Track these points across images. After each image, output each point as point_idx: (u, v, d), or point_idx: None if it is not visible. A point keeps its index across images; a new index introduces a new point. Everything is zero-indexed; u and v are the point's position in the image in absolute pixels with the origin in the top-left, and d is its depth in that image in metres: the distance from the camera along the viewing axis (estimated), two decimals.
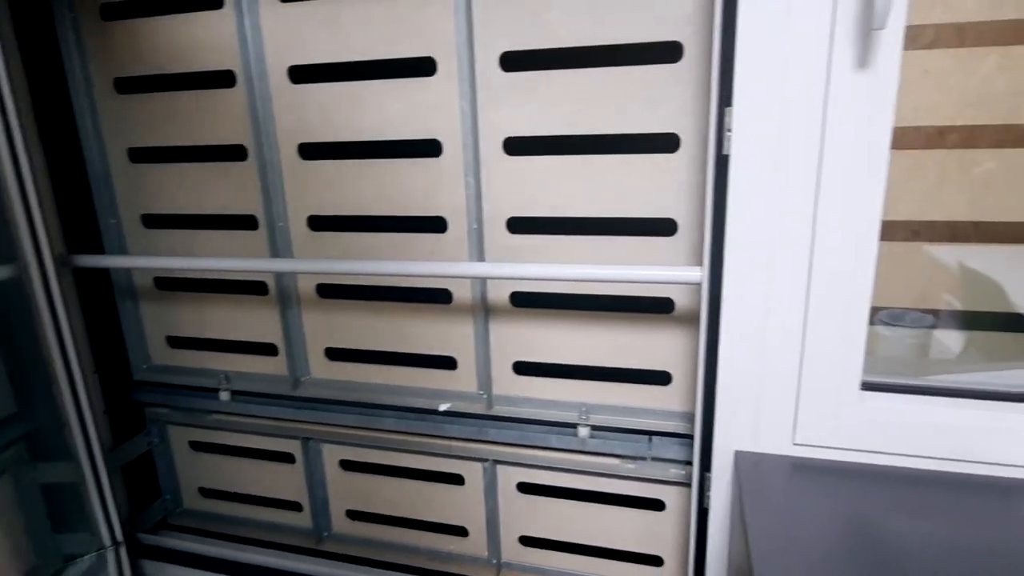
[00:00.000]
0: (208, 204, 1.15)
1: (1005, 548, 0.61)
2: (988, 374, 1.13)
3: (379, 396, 1.16)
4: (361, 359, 1.17)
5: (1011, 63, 1.32)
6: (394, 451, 1.19)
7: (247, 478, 1.32)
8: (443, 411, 1.13)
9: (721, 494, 0.82)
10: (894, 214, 1.34)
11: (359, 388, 1.17)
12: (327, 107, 1.04)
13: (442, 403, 1.13)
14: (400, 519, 1.25)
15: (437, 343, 1.12)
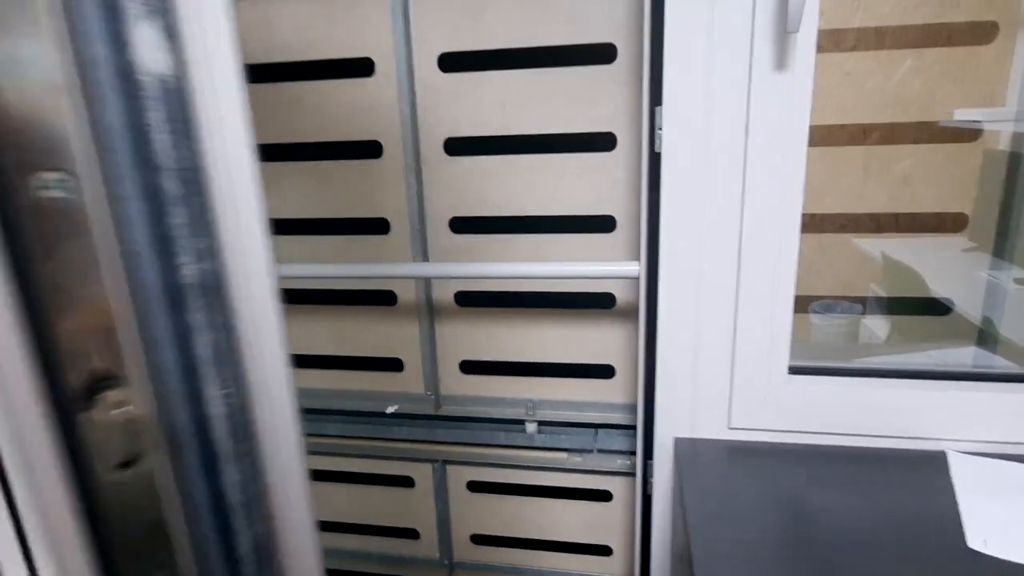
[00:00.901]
0: None
1: (922, 514, 0.65)
2: (911, 355, 1.20)
3: (323, 401, 1.14)
4: (303, 364, 1.16)
5: (925, 65, 1.40)
6: (341, 456, 1.18)
7: None
8: (390, 413, 1.12)
9: (663, 481, 0.85)
10: (823, 208, 1.41)
11: (301, 394, 1.15)
12: (264, 109, 1.02)
13: (389, 405, 1.12)
14: (349, 525, 1.23)
15: (382, 345, 1.11)
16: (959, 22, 1.34)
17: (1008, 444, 0.74)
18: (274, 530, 0.36)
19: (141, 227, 0.29)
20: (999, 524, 0.63)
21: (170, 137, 0.29)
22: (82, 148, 0.28)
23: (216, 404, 0.32)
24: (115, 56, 0.27)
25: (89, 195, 0.29)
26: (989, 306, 1.21)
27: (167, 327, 0.31)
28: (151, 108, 0.28)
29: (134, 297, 0.30)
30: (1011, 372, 0.79)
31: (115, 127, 0.28)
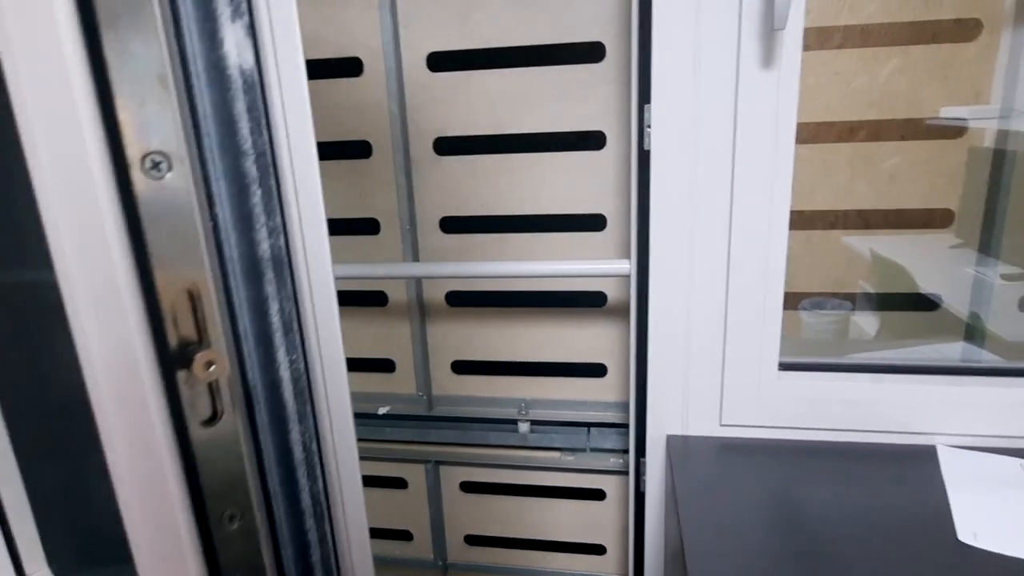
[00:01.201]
0: None
1: (913, 508, 0.66)
2: (899, 350, 1.20)
3: None
4: None
5: (910, 63, 1.41)
6: None
7: None
8: (382, 414, 1.12)
9: (656, 478, 0.85)
10: (813, 204, 1.42)
11: None
12: None
13: (381, 407, 1.12)
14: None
15: (374, 346, 1.11)
16: (943, 19, 1.35)
17: (997, 437, 0.74)
18: (329, 486, 0.41)
19: (226, 205, 0.34)
20: (989, 517, 0.63)
21: (250, 125, 0.33)
22: (182, 133, 0.32)
23: (284, 368, 0.36)
24: (209, 52, 0.31)
25: (186, 176, 0.32)
26: (976, 302, 1.22)
27: (246, 296, 0.35)
28: (236, 99, 0.32)
29: (220, 269, 0.34)
30: (999, 366, 0.80)
31: (208, 115, 0.32)
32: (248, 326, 0.35)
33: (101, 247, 0.28)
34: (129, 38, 0.28)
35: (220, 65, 0.31)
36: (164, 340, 0.31)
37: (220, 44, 0.31)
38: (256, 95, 0.32)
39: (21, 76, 0.26)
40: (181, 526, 0.33)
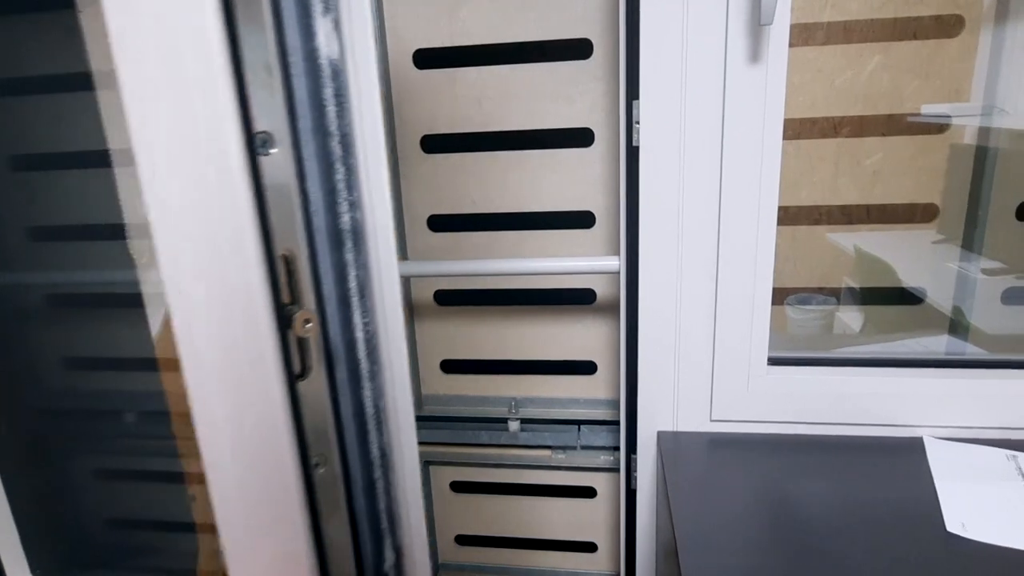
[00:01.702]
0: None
1: (902, 500, 0.66)
2: (884, 344, 1.22)
3: None
4: None
5: (892, 60, 1.43)
6: None
7: (159, 506, 1.26)
8: None
9: (647, 475, 0.85)
10: (798, 201, 1.43)
11: None
12: None
13: None
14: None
15: None
16: (924, 16, 1.36)
17: (982, 429, 0.75)
18: (391, 441, 0.44)
19: (316, 181, 0.37)
20: (976, 507, 0.64)
21: (336, 109, 0.37)
22: (284, 115, 0.35)
23: (360, 330, 0.40)
24: (304, 44, 0.35)
25: (287, 154, 0.36)
26: (959, 296, 1.24)
27: (330, 263, 0.39)
28: (325, 85, 0.36)
29: (308, 238, 0.38)
30: (983, 359, 0.81)
31: (302, 100, 0.36)
32: (331, 290, 0.39)
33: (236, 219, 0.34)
34: (249, 31, 0.33)
35: (313, 56, 0.35)
36: (278, 299, 0.37)
37: (313, 37, 0.35)
38: (340, 82, 0.37)
39: (184, 56, 0.32)
40: (290, 468, 0.38)
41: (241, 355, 0.36)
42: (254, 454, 0.38)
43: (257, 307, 0.35)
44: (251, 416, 0.37)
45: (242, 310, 0.35)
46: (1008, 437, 0.74)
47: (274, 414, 0.37)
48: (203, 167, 0.33)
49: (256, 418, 0.37)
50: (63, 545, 1.27)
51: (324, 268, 0.38)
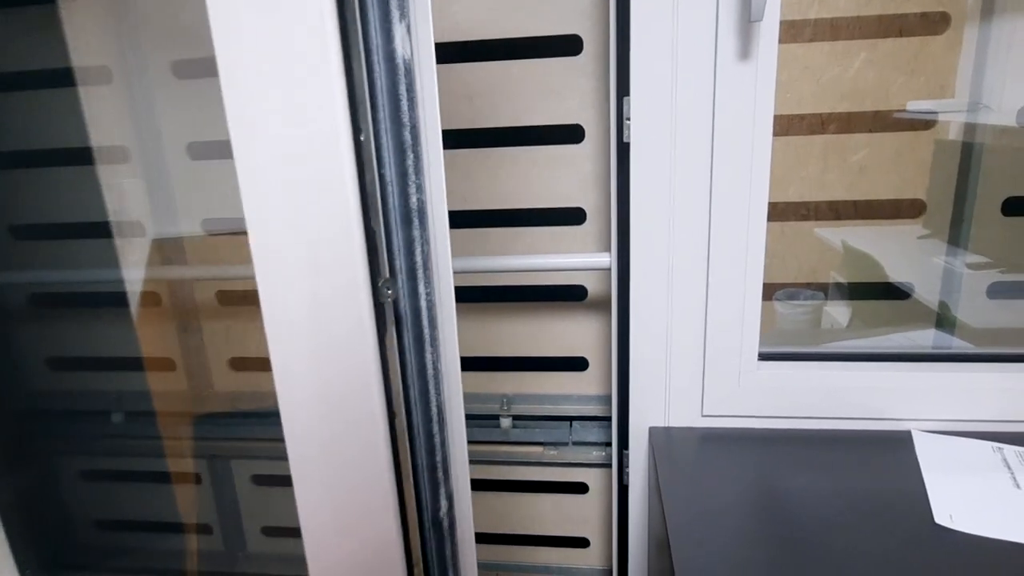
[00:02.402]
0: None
1: (891, 492, 0.67)
2: (872, 339, 1.23)
3: None
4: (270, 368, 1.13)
5: (878, 56, 1.44)
6: None
7: (150, 504, 1.24)
8: None
9: (639, 470, 0.85)
10: (786, 197, 1.44)
11: (270, 398, 1.13)
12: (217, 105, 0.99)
13: None
14: None
15: None
16: (910, 13, 1.38)
17: (968, 422, 0.76)
18: (445, 400, 0.50)
19: (392, 165, 0.44)
20: (963, 499, 0.65)
21: (407, 102, 0.42)
22: (369, 108, 0.41)
23: (423, 299, 0.46)
24: (385, 45, 0.41)
25: (370, 141, 0.42)
26: (945, 290, 1.25)
27: (401, 238, 0.45)
28: (400, 82, 0.42)
29: (385, 216, 0.44)
30: (969, 352, 0.82)
31: (383, 93, 0.42)
32: (402, 262, 0.45)
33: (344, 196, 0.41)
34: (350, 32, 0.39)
35: (391, 56, 0.41)
36: (375, 268, 0.43)
37: (392, 39, 0.41)
38: (411, 79, 0.42)
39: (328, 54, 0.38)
40: (379, 420, 0.45)
41: (342, 316, 0.43)
42: (350, 407, 0.45)
43: (358, 274, 0.42)
44: (349, 372, 0.44)
45: (346, 277, 0.42)
46: (994, 430, 0.75)
47: (368, 370, 0.44)
48: (319, 151, 0.40)
49: (354, 373, 0.44)
50: (51, 545, 1.26)
51: (397, 243, 0.45)
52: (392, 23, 0.39)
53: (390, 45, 0.40)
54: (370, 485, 0.46)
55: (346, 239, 0.41)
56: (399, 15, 0.39)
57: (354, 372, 0.43)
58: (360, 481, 0.46)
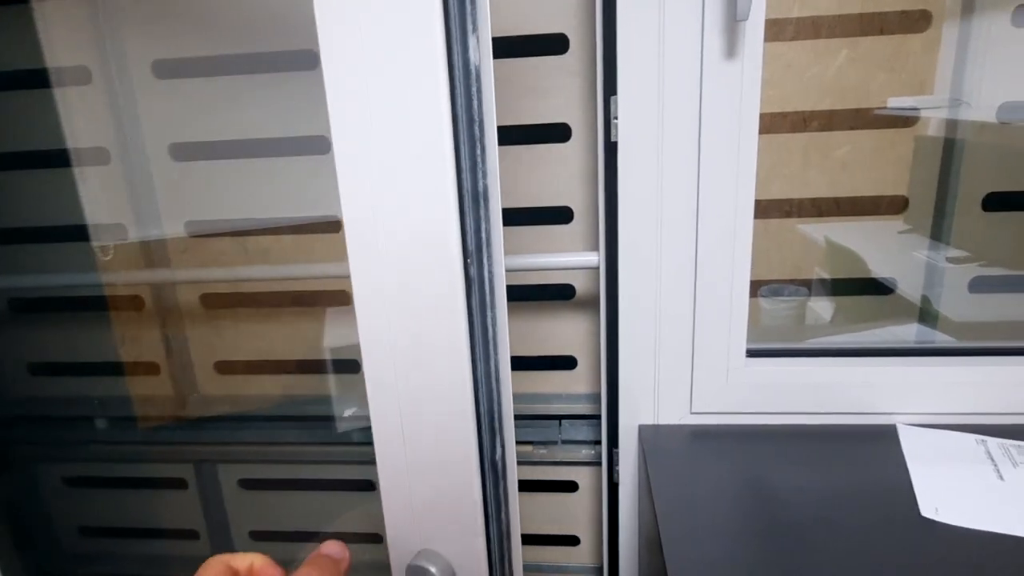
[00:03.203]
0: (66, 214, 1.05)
1: (878, 486, 0.68)
2: (856, 334, 1.24)
3: (279, 408, 1.11)
4: (256, 371, 1.12)
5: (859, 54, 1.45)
6: (299, 463, 1.15)
7: (134, 511, 1.23)
8: (348, 416, 1.10)
9: (629, 468, 0.86)
10: (769, 194, 1.45)
11: (256, 402, 1.12)
12: (202, 103, 0.97)
13: (346, 408, 1.10)
14: (310, 533, 1.20)
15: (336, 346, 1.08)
16: (890, 12, 1.39)
17: (952, 415, 0.77)
18: (500, 357, 0.58)
19: (465, 154, 0.52)
20: (948, 492, 0.66)
21: (476, 102, 0.51)
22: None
23: (486, 270, 0.54)
24: (462, 54, 0.50)
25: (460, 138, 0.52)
26: (926, 285, 1.27)
27: (472, 218, 0.53)
28: (472, 84, 0.51)
29: (460, 198, 0.52)
30: (951, 347, 0.83)
31: (460, 95, 0.51)
32: (472, 239, 0.53)
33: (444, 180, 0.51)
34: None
35: (467, 63, 0.50)
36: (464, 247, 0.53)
37: (467, 49, 0.50)
38: (480, 82, 0.51)
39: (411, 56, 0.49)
40: (465, 371, 0.55)
41: (436, 282, 0.52)
42: (441, 362, 0.54)
43: (452, 248, 0.52)
44: (443, 330, 0.53)
45: (441, 250, 0.52)
46: (977, 422, 0.76)
47: (458, 326, 0.53)
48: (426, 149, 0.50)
49: (445, 331, 0.53)
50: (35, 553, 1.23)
51: (469, 222, 0.53)
52: (467, 36, 0.49)
53: (466, 55, 0.50)
54: (455, 428, 0.56)
55: (445, 218, 0.51)
56: (471, 28, 0.49)
57: (443, 330, 0.53)
58: (447, 422, 0.56)
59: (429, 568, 0.57)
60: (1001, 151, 1.15)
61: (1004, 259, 1.17)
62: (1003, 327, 1.10)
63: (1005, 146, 1.15)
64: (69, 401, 1.15)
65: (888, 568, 0.57)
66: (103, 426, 1.13)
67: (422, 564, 0.58)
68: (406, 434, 0.58)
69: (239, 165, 1.00)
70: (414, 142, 0.50)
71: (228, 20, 0.94)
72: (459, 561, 0.59)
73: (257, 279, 1.04)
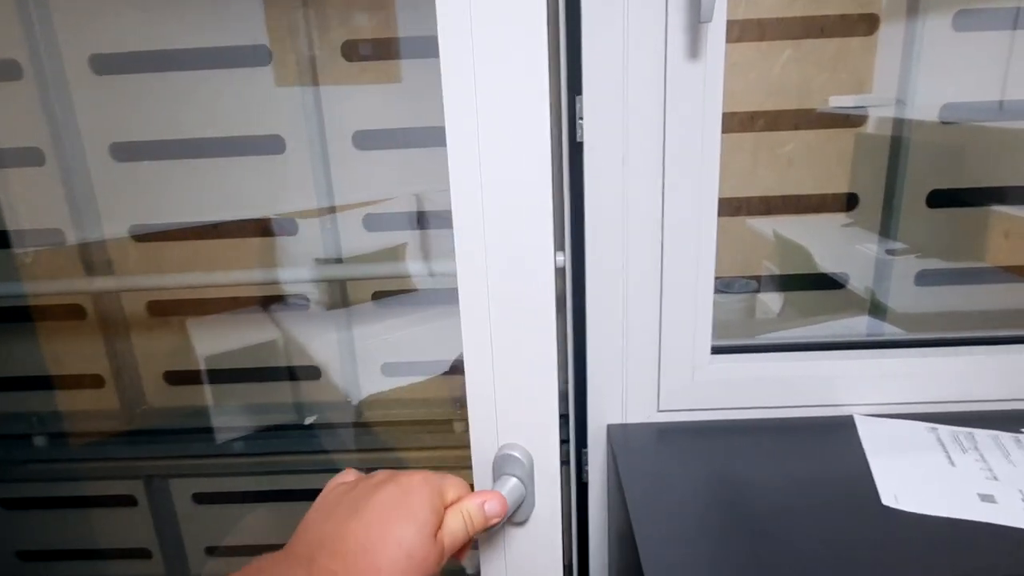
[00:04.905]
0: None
1: (839, 476, 0.70)
2: (805, 328, 1.28)
3: (234, 418, 1.06)
4: (209, 380, 1.07)
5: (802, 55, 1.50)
6: (259, 475, 1.10)
7: (80, 531, 1.16)
8: (309, 424, 1.06)
9: (598, 467, 0.86)
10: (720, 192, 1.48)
11: (209, 412, 1.07)
12: (147, 100, 0.92)
13: (307, 416, 1.06)
14: (273, 546, 1.16)
15: (296, 353, 1.05)
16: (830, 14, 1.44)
17: (904, 404, 0.81)
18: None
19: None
20: (906, 479, 0.68)
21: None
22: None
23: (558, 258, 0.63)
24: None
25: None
26: (870, 277, 1.33)
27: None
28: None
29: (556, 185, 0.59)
30: (901, 339, 0.86)
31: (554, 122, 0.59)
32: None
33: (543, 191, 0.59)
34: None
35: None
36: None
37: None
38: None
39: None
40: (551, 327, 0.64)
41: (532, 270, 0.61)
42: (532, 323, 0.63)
43: (547, 239, 0.60)
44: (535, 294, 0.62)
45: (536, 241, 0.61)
46: (928, 411, 0.80)
47: (548, 291, 0.62)
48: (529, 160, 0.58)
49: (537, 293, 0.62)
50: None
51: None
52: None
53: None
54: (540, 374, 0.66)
55: (542, 215, 0.59)
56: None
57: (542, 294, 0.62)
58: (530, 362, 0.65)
59: (513, 453, 0.67)
60: (944, 150, 1.21)
61: (941, 252, 1.23)
62: (949, 318, 1.16)
63: (948, 145, 1.21)
64: (3, 419, 1.08)
65: (854, 556, 0.59)
66: (42, 443, 1.06)
67: (508, 452, 0.67)
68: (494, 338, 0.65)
69: (187, 165, 0.96)
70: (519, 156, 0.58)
71: (173, 12, 0.89)
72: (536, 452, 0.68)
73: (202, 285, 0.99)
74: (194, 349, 1.01)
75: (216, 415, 1.04)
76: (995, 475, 0.67)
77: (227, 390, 1.03)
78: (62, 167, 0.92)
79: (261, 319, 1.04)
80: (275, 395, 1.05)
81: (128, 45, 0.88)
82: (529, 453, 0.68)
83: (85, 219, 0.95)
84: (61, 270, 0.97)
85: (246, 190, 0.94)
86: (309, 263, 0.94)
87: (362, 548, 0.46)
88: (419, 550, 0.47)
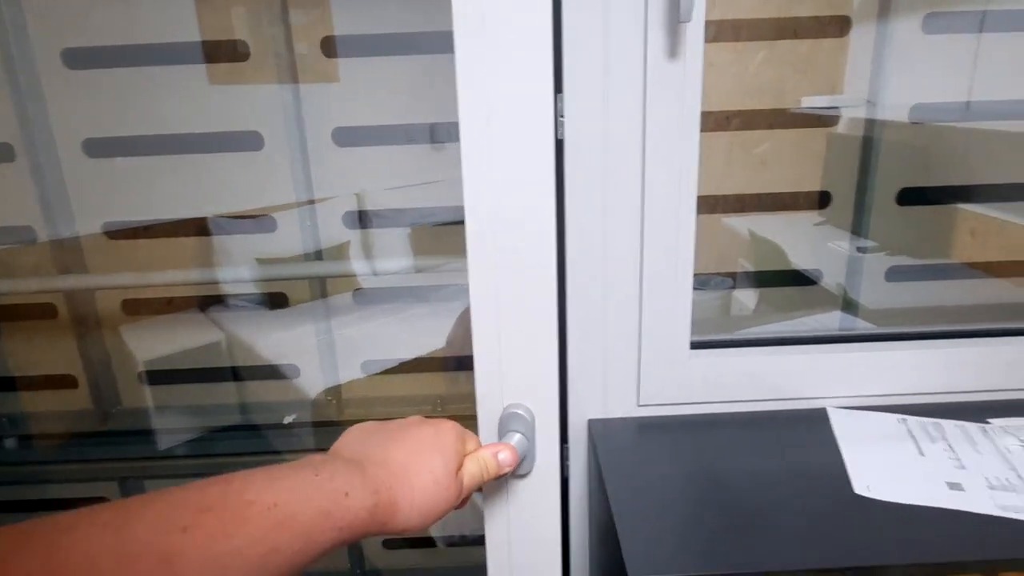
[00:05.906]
0: None
1: (813, 467, 0.72)
2: (780, 324, 1.31)
3: (211, 418, 1.05)
4: (185, 379, 1.05)
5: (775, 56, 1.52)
6: None
7: None
8: (288, 423, 1.05)
9: (579, 462, 0.87)
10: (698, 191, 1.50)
11: (186, 412, 1.06)
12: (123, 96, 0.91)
13: (286, 415, 1.05)
14: None
15: (275, 351, 1.04)
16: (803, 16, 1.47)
17: (875, 396, 0.83)
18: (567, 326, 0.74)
19: None
20: (877, 470, 0.70)
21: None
22: None
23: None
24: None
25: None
26: (842, 274, 1.36)
27: None
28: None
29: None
30: (872, 333, 0.89)
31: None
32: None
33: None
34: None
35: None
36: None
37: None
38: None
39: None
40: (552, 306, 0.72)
41: (537, 264, 0.69)
42: (534, 290, 0.71)
43: (551, 244, 0.68)
44: (537, 263, 0.70)
45: (542, 246, 0.69)
46: (897, 403, 0.82)
47: (549, 260, 0.70)
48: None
49: (538, 262, 0.69)
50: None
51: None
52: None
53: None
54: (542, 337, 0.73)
55: (548, 222, 0.69)
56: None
57: (538, 280, 0.70)
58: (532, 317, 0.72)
59: (518, 411, 0.73)
60: (913, 149, 1.25)
61: (911, 249, 1.27)
62: (918, 313, 1.19)
63: (917, 144, 1.24)
64: None
65: (830, 544, 0.60)
66: (12, 446, 1.03)
67: (514, 411, 0.73)
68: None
69: (163, 161, 0.94)
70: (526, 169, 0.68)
71: (150, 4, 0.88)
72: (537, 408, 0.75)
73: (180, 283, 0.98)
74: (133, 354, 0.99)
75: (162, 418, 1.02)
76: (963, 464, 0.70)
77: (168, 391, 1.02)
78: (33, 163, 0.90)
79: (201, 319, 1.03)
80: (218, 396, 1.04)
81: (103, 39, 0.86)
82: (532, 411, 0.73)
83: (57, 216, 0.92)
84: (32, 268, 0.95)
85: (226, 186, 0.93)
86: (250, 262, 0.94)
87: (402, 468, 0.52)
88: (444, 479, 0.55)
